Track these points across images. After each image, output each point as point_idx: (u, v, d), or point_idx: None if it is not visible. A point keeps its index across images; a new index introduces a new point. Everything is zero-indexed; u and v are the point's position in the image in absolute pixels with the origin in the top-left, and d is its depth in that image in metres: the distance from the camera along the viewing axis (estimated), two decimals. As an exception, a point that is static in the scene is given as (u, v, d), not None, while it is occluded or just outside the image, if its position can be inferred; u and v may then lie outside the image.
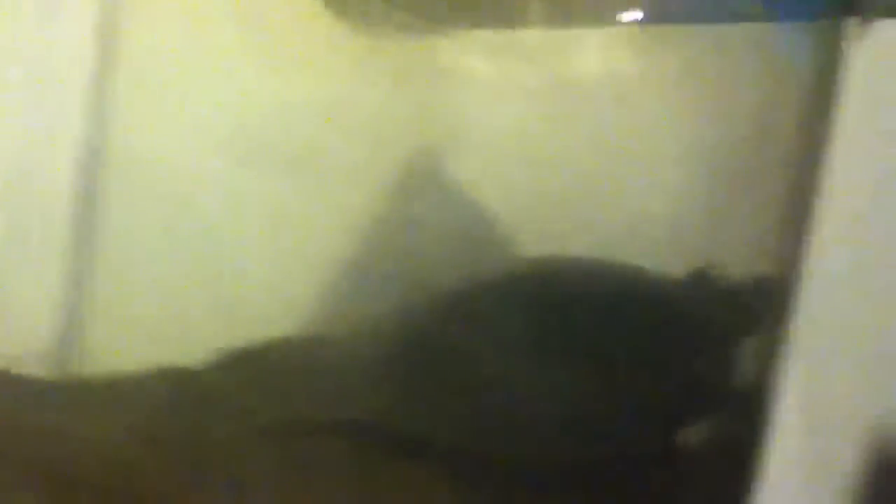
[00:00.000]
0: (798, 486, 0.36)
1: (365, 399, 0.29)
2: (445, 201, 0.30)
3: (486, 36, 0.28)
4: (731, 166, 0.29)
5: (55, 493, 0.26)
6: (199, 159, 0.28)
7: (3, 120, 0.29)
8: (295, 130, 0.28)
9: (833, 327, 0.36)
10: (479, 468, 0.28)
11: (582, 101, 0.28)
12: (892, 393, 0.36)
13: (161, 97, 0.28)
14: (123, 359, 0.29)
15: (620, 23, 0.28)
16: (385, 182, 0.29)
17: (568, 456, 0.29)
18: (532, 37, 0.28)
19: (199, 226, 0.29)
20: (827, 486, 0.36)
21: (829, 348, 0.36)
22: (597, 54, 0.28)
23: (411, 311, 0.30)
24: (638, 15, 0.27)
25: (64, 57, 0.29)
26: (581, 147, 0.28)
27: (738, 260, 0.33)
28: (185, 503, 0.26)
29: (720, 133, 0.29)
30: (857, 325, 0.36)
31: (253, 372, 0.29)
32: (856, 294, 0.36)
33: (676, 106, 0.28)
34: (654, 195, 0.29)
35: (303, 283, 0.30)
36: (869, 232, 0.36)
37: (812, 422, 0.36)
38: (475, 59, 0.28)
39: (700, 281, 0.31)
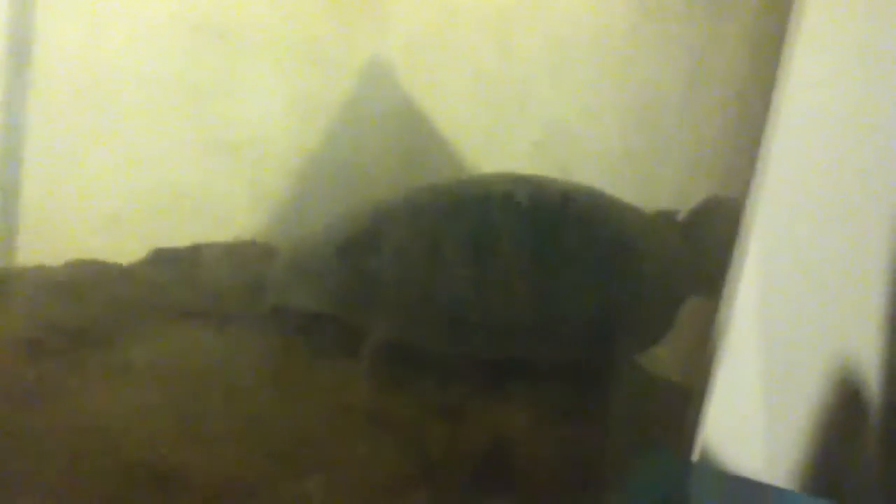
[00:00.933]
0: (755, 407, 0.36)
1: (297, 297, 0.28)
2: (389, 112, 0.29)
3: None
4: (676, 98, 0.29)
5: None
6: (133, 50, 0.28)
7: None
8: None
9: (787, 251, 0.36)
10: (414, 362, 0.27)
11: (527, 24, 0.28)
12: (847, 314, 0.35)
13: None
14: (56, 257, 0.29)
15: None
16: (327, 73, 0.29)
17: (509, 354, 0.29)
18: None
19: (132, 123, 0.29)
20: (784, 408, 0.36)
21: (783, 271, 0.35)
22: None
23: (357, 216, 0.29)
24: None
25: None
26: (525, 69, 0.28)
27: (687, 186, 0.32)
28: (102, 388, 0.26)
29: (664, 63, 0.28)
30: (810, 249, 0.35)
31: (184, 270, 0.28)
32: (810, 215, 0.36)
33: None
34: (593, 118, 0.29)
35: (239, 187, 0.29)
36: (820, 157, 0.35)
37: (769, 344, 0.36)
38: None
39: (666, 221, 0.31)
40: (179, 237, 0.29)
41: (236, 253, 0.29)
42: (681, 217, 0.32)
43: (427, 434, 0.26)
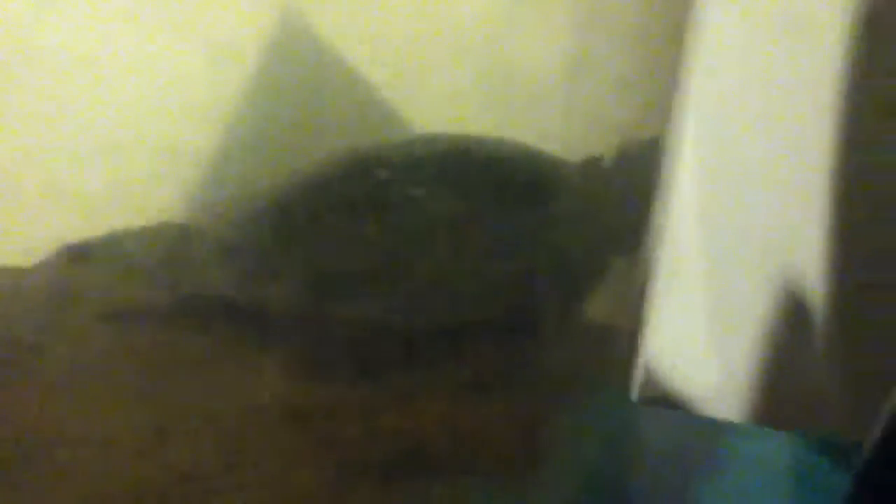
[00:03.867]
0: (702, 338, 0.36)
1: (222, 279, 0.28)
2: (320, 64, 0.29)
3: None
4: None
5: None
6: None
7: None
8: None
9: (728, 162, 0.35)
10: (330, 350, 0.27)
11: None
12: (789, 225, 0.35)
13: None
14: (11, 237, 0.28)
15: None
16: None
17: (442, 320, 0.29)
18: None
19: (40, 103, 0.28)
20: (731, 335, 0.36)
21: (726, 184, 0.35)
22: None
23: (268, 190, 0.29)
24: None
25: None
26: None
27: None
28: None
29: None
30: (752, 156, 0.35)
31: (103, 262, 0.28)
32: (750, 126, 0.35)
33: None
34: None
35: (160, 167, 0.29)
36: (756, 62, 0.35)
37: (714, 265, 0.36)
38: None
39: (593, 168, 0.30)
40: (90, 228, 0.29)
41: (151, 238, 0.29)
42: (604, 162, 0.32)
43: (344, 431, 0.26)
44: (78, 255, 0.28)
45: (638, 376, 0.36)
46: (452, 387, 0.29)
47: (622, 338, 0.34)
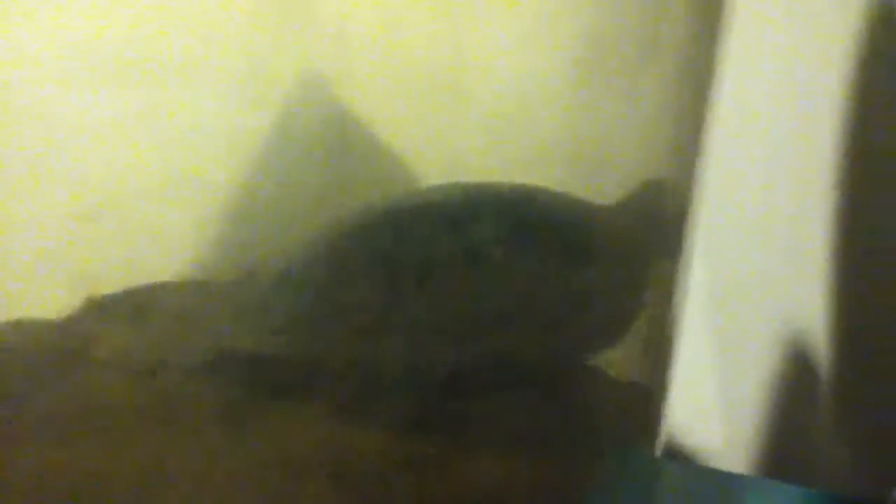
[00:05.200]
0: (712, 393, 0.36)
1: (242, 340, 0.27)
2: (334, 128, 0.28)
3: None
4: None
5: None
6: (59, 83, 0.26)
7: None
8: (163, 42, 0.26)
9: (735, 222, 0.36)
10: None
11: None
12: (796, 284, 0.35)
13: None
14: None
15: None
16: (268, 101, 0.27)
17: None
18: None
19: (69, 158, 0.27)
20: (740, 391, 0.36)
21: (733, 243, 0.36)
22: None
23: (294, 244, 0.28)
24: None
25: None
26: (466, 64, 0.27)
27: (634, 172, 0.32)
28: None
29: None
30: (758, 217, 0.36)
31: (125, 316, 0.27)
32: (756, 187, 0.35)
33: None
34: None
35: (187, 222, 0.28)
36: (764, 124, 0.35)
37: (721, 320, 0.36)
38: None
39: (634, 204, 0.30)
40: (112, 281, 0.28)
41: (179, 294, 0.28)
42: (620, 203, 0.31)
43: (392, 488, 0.26)
44: (101, 308, 0.27)
45: (662, 432, 0.36)
46: (492, 444, 0.29)
47: (646, 393, 0.33)
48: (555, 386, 0.31)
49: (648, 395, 0.33)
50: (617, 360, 0.34)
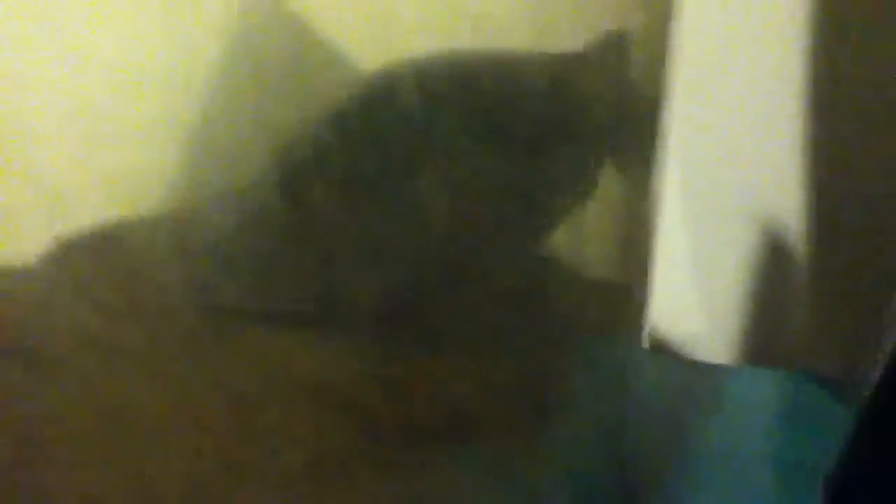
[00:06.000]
0: (690, 285, 0.36)
1: (223, 271, 0.27)
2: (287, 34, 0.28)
3: None
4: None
5: None
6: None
7: None
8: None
9: (707, 112, 0.35)
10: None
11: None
12: (769, 171, 0.35)
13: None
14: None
15: None
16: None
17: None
18: None
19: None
20: (717, 280, 0.36)
21: (705, 133, 0.35)
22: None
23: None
24: None
25: None
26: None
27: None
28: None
29: None
30: (731, 104, 0.35)
31: (93, 259, 0.27)
32: (728, 66, 0.35)
33: None
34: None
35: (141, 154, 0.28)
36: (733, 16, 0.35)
37: (695, 210, 0.36)
38: None
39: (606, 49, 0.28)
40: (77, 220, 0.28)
41: (146, 231, 0.28)
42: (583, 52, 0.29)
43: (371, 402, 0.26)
44: (74, 250, 0.27)
45: (645, 325, 0.36)
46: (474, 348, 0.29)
47: (629, 290, 0.34)
48: (532, 290, 0.31)
49: (629, 292, 0.33)
50: (596, 258, 0.34)
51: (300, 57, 0.27)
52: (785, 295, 0.36)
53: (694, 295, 0.37)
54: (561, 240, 0.31)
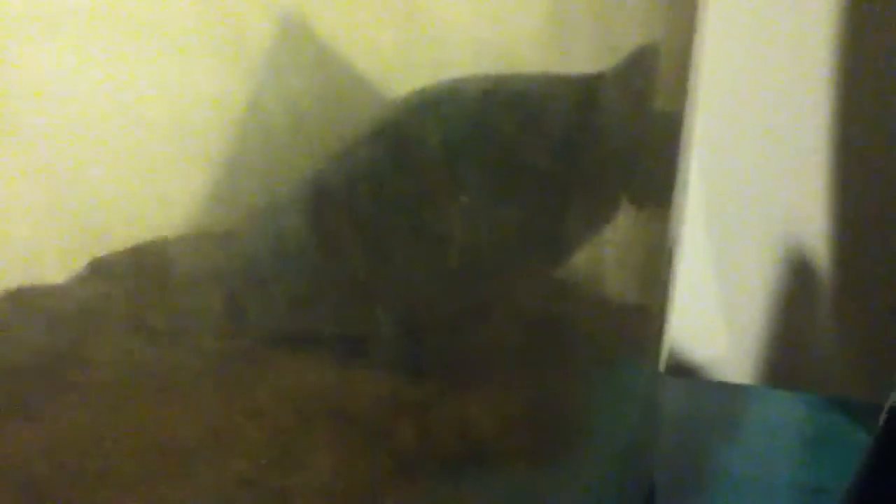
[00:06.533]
0: (712, 296, 0.36)
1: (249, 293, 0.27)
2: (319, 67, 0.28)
3: None
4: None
5: None
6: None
7: None
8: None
9: (731, 129, 0.35)
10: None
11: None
12: (793, 192, 0.35)
13: None
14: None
15: None
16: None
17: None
18: None
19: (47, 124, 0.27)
20: (740, 302, 0.36)
21: (729, 152, 0.35)
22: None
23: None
24: None
25: None
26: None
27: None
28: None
29: None
30: (755, 122, 0.35)
31: (121, 280, 0.27)
32: (752, 84, 0.35)
33: None
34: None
35: (175, 179, 0.28)
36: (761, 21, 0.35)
37: (719, 232, 0.36)
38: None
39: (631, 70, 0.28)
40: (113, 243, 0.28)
41: (183, 251, 0.28)
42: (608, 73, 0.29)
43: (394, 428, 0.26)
44: (107, 270, 0.27)
45: (664, 349, 0.36)
46: (494, 372, 0.29)
47: (646, 312, 0.34)
48: (552, 317, 0.31)
49: (648, 315, 0.33)
50: (616, 281, 0.34)
51: (330, 84, 0.28)
52: (810, 317, 0.36)
53: (717, 317, 0.38)
54: (580, 265, 0.31)
